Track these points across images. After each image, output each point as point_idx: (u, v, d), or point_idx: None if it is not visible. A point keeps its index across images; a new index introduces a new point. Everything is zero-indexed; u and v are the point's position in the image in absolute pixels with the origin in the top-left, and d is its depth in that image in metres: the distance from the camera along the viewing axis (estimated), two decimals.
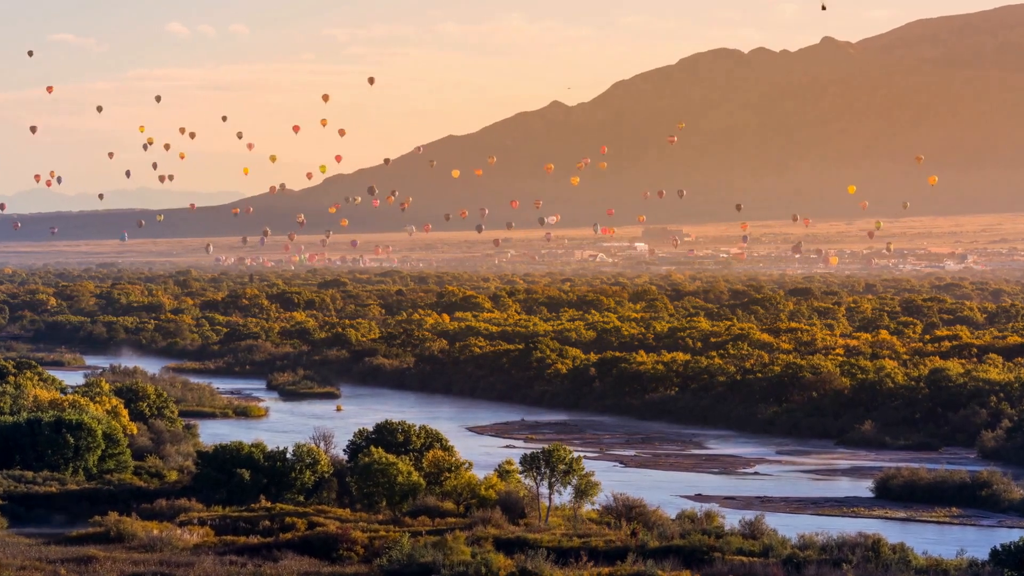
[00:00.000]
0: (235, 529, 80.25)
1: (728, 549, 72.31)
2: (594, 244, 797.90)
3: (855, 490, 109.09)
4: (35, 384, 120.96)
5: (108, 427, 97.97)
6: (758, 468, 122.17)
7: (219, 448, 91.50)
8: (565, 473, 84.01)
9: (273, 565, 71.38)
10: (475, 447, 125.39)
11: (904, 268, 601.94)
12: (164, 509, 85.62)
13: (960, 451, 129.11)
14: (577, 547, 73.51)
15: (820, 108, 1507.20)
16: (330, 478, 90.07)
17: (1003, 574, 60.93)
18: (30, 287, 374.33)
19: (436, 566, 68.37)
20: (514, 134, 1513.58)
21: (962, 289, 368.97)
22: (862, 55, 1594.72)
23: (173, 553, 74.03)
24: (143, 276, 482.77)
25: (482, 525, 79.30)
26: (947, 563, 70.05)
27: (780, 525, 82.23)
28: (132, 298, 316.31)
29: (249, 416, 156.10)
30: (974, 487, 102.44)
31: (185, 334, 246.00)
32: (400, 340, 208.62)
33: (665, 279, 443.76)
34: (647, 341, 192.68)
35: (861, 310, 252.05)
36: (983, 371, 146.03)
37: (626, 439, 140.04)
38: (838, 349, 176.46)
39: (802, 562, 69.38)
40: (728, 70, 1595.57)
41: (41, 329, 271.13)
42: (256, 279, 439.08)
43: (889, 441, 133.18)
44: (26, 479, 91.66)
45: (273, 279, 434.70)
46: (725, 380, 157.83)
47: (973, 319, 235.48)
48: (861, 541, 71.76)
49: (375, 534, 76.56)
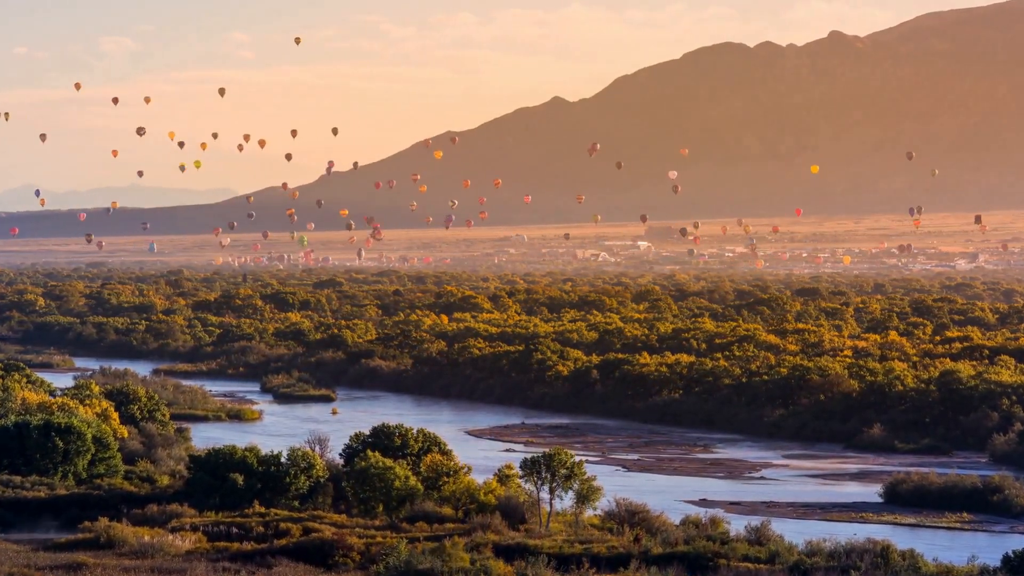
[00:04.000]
0: (228, 535, 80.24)
1: (733, 556, 72.31)
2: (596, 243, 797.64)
3: (864, 495, 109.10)
4: (23, 387, 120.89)
5: (98, 431, 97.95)
6: (764, 472, 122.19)
7: (212, 452, 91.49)
8: (566, 478, 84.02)
9: (267, 572, 71.40)
10: (474, 451, 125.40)
11: (914, 268, 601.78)
12: (156, 515, 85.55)
13: (971, 455, 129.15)
14: (579, 553, 73.50)
15: (828, 103, 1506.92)
16: (326, 483, 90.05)
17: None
18: (18, 287, 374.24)
19: (434, 573, 68.34)
20: (514, 130, 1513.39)
21: (973, 289, 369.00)
22: (871, 49, 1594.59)
23: (165, 559, 74.03)
24: (134, 276, 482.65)
25: (481, 531, 79.28)
26: (958, 570, 70.08)
27: (787, 531, 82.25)
28: (123, 298, 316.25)
29: (243, 419, 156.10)
30: (985, 492, 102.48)
31: (177, 335, 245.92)
32: (397, 341, 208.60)
33: (669, 279, 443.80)
34: (650, 342, 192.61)
35: (870, 311, 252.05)
36: (995, 373, 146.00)
37: (629, 443, 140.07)
38: (846, 351, 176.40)
39: (809, 569, 69.39)
40: (734, 65, 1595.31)
41: (29, 330, 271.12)
42: (250, 279, 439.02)
43: (899, 445, 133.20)
44: (14, 484, 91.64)
45: (267, 279, 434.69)
46: (730, 382, 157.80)
47: (984, 320, 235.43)
48: (870, 547, 71.76)
49: (371, 540, 76.54)
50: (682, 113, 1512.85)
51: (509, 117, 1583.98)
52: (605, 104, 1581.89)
